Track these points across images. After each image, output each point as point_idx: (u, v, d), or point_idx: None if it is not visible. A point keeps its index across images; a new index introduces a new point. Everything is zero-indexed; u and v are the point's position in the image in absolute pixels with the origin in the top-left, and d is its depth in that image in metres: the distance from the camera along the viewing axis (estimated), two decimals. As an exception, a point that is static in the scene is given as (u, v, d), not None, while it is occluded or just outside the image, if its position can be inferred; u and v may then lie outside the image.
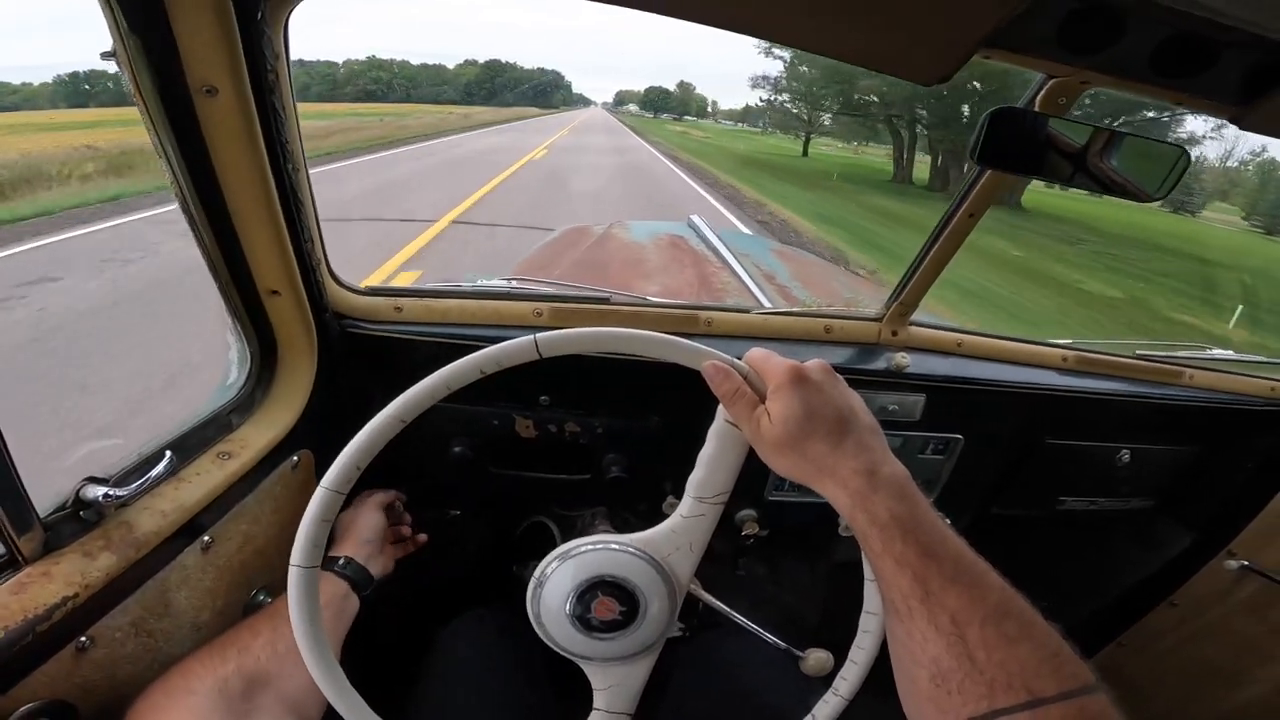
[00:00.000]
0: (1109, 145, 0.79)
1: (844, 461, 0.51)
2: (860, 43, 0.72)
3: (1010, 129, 0.76)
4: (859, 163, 30.88)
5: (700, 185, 15.63)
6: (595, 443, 1.09)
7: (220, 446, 0.78)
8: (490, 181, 11.87)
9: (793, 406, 0.52)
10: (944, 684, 0.41)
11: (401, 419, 0.54)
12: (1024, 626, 0.42)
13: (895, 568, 0.46)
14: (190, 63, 0.58)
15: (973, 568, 0.45)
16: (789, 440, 0.52)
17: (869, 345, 1.17)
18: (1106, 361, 1.24)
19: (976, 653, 0.40)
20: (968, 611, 0.42)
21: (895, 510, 0.48)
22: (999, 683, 0.39)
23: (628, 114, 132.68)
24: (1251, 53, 0.67)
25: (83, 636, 0.59)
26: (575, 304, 1.06)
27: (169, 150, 0.62)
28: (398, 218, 7.51)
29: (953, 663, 0.41)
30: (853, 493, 0.50)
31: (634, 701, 0.64)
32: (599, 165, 17.89)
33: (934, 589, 0.44)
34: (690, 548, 0.61)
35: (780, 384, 0.54)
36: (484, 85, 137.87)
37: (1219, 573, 1.35)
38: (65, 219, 6.41)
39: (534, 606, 0.61)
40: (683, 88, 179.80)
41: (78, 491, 0.62)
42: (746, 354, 0.58)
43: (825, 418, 0.52)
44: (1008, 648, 0.40)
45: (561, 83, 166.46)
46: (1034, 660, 0.40)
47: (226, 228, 0.71)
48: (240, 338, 0.82)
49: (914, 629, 0.44)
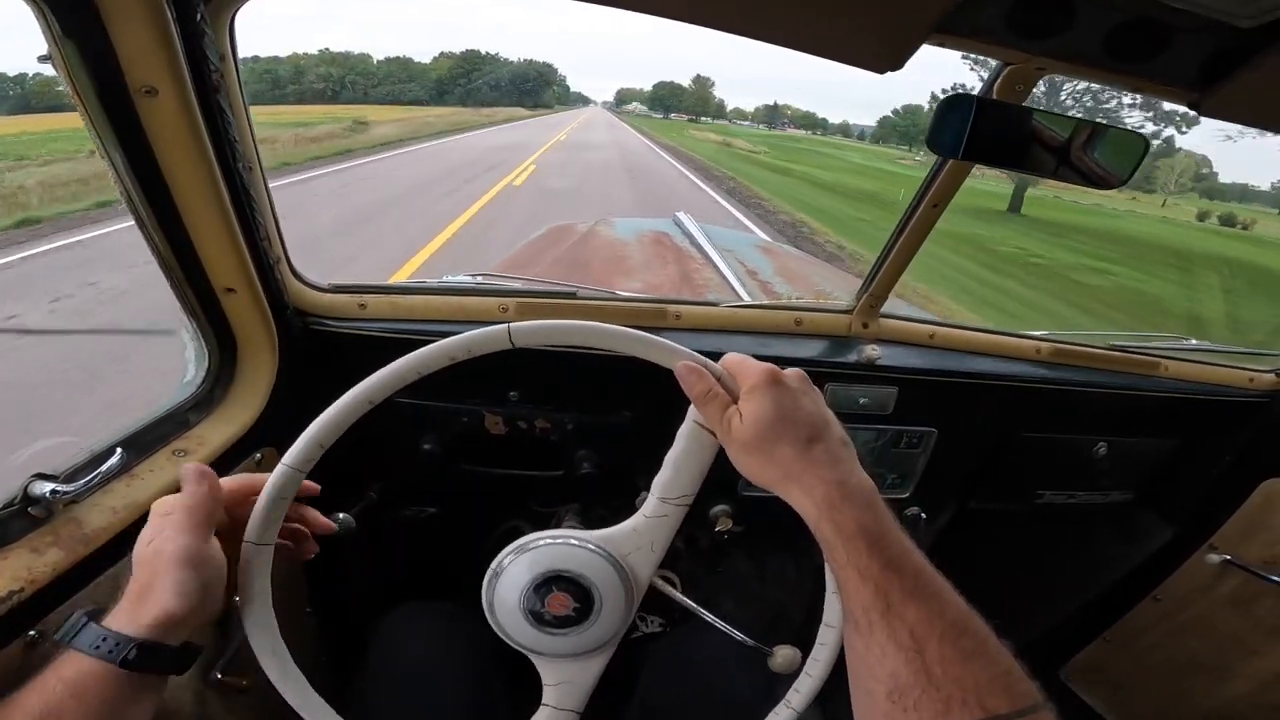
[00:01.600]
0: (1077, 135, 0.79)
1: (813, 469, 0.51)
2: (811, 32, 0.72)
3: (964, 118, 0.76)
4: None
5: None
6: (566, 439, 1.09)
7: (176, 444, 0.78)
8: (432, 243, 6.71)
9: (765, 408, 0.52)
10: (901, 700, 0.41)
11: (370, 399, 0.54)
12: (979, 643, 0.42)
13: (858, 580, 0.46)
14: (128, 65, 0.58)
15: (932, 582, 0.45)
16: (758, 442, 0.52)
17: (840, 338, 1.16)
18: (1081, 353, 1.23)
19: (934, 668, 0.40)
20: (926, 626, 0.42)
21: (862, 521, 0.48)
22: (955, 699, 0.39)
23: (632, 115, 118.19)
24: (1203, 36, 0.67)
25: (31, 631, 0.59)
26: (541, 299, 1.06)
27: (112, 152, 0.63)
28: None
29: (910, 678, 0.41)
30: (819, 501, 0.50)
31: (583, 700, 0.64)
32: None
33: (895, 602, 0.44)
34: (651, 547, 0.61)
35: (755, 385, 0.54)
36: (458, 81, 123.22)
37: (1201, 567, 1.34)
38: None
39: (489, 596, 0.61)
40: (699, 83, 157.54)
41: (25, 488, 0.62)
42: (723, 358, 0.58)
43: (797, 422, 0.52)
44: (964, 664, 0.41)
45: (554, 77, 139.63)
46: (987, 677, 0.40)
47: (177, 227, 0.71)
48: (197, 336, 0.82)
49: (873, 642, 0.43)
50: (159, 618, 0.49)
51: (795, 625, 1.47)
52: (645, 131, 45.81)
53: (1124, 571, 1.46)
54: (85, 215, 6.53)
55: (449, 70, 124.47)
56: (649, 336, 0.57)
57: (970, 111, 0.74)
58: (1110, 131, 0.80)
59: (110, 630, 0.48)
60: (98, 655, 0.47)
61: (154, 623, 0.49)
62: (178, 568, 0.50)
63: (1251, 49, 0.66)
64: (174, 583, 0.50)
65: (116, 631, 0.48)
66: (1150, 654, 1.45)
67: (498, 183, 12.10)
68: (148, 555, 0.52)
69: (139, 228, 0.70)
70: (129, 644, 0.48)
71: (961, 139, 0.77)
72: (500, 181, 12.32)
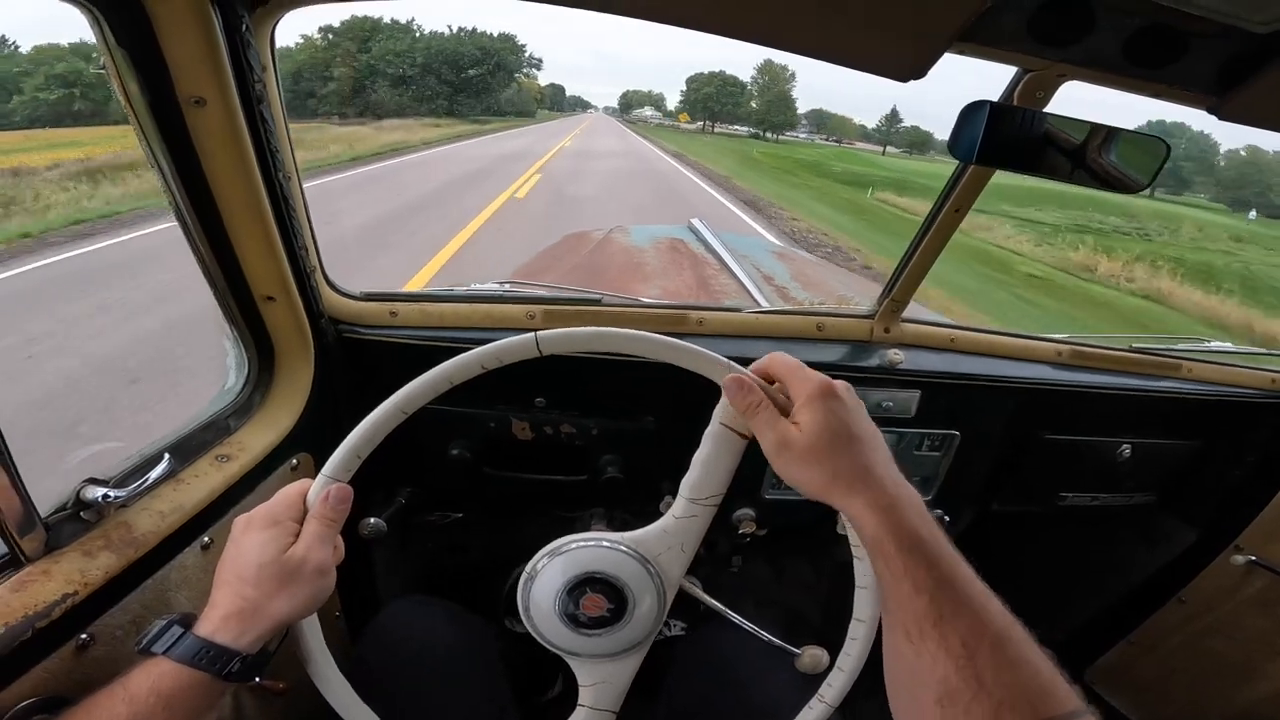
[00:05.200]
0: (1093, 138, 0.79)
1: (874, 482, 0.52)
2: (834, 42, 0.73)
3: (987, 124, 0.77)
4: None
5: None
6: (591, 444, 1.10)
7: (219, 449, 0.80)
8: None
9: (827, 419, 0.53)
10: (952, 705, 0.41)
11: (403, 410, 0.56)
12: (1023, 650, 0.43)
13: (913, 591, 0.46)
14: (178, 75, 0.60)
15: (980, 591, 0.46)
16: (818, 452, 0.52)
17: (862, 343, 1.17)
18: (1102, 355, 1.23)
19: (985, 674, 0.41)
20: (977, 634, 0.43)
21: (919, 534, 0.49)
22: (1006, 704, 0.40)
23: (649, 125, 77.91)
24: (1220, 42, 0.68)
25: (83, 634, 0.60)
26: (568, 305, 1.07)
27: (161, 160, 0.65)
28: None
29: (961, 684, 0.42)
30: (881, 513, 0.50)
31: (619, 699, 0.65)
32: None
33: (948, 613, 0.44)
34: (682, 548, 0.62)
35: (813, 395, 0.54)
36: (329, 77, 60.01)
37: (1226, 568, 1.33)
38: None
39: (524, 600, 0.61)
40: (772, 76, 79.13)
41: (78, 492, 0.64)
42: (768, 358, 0.58)
43: (856, 435, 0.53)
44: (1012, 670, 0.42)
45: (513, 59, 66.50)
46: (1036, 683, 0.41)
47: (220, 235, 0.73)
48: (237, 343, 0.84)
49: (924, 650, 0.44)
50: (278, 622, 0.52)
51: (814, 626, 1.47)
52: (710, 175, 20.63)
53: (1148, 573, 1.46)
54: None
55: (310, 59, 60.89)
56: (675, 342, 0.57)
57: (986, 117, 0.75)
58: (1129, 135, 0.80)
59: (214, 643, 0.50)
60: (199, 666, 0.49)
61: (265, 631, 0.51)
62: (320, 576, 0.54)
63: (1268, 53, 0.67)
64: (314, 590, 0.54)
65: (220, 645, 0.50)
66: (1175, 656, 1.44)
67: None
68: (291, 563, 0.53)
69: (185, 236, 0.72)
70: (233, 657, 0.50)
71: (976, 144, 0.78)
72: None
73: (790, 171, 26.25)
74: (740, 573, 1.36)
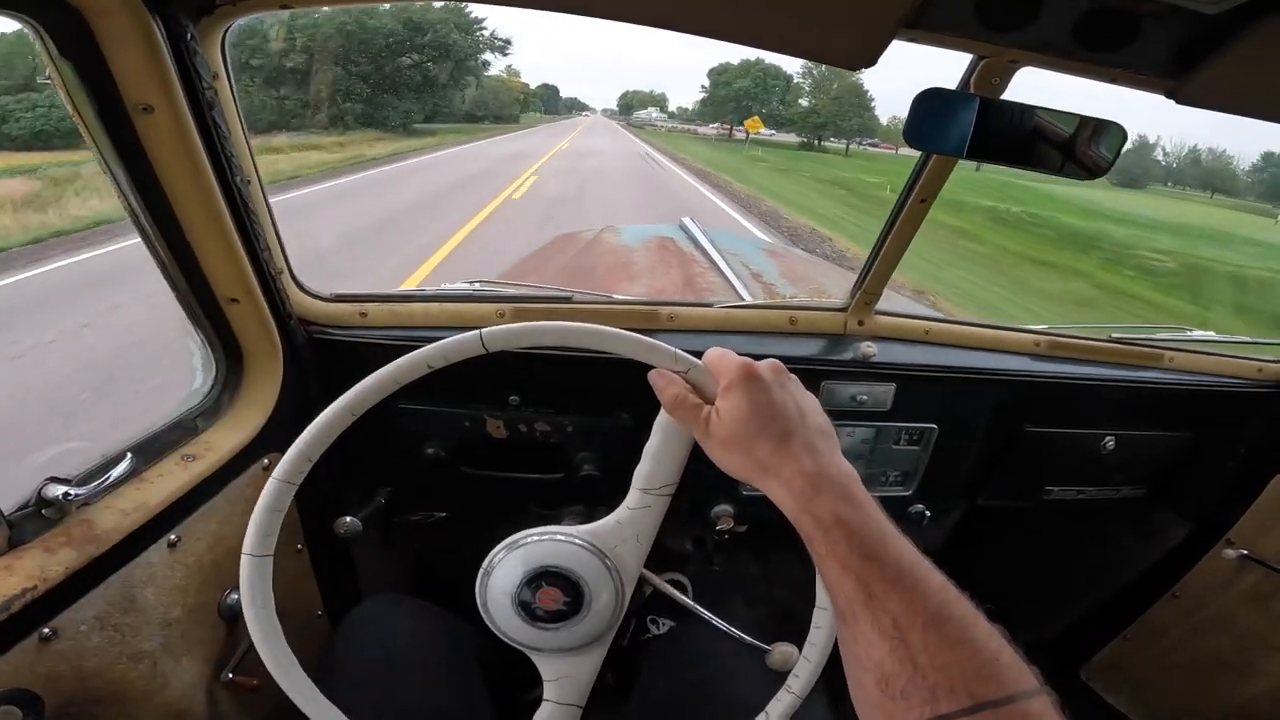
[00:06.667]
0: (1048, 125, 0.79)
1: (788, 462, 0.51)
2: (781, 31, 0.74)
3: (940, 111, 0.77)
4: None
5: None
6: (566, 441, 1.10)
7: (185, 449, 0.81)
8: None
9: (741, 405, 0.52)
10: (889, 688, 0.41)
11: (351, 411, 0.56)
12: (965, 629, 0.41)
13: (839, 571, 0.46)
14: (124, 83, 0.62)
15: (914, 569, 0.45)
16: (736, 439, 0.52)
17: (835, 336, 1.17)
18: (1080, 346, 1.22)
19: (919, 656, 0.40)
20: (909, 615, 0.42)
21: (839, 512, 0.47)
22: (941, 686, 0.39)
23: (660, 131, 63.50)
24: (1173, 24, 0.67)
25: (45, 628, 0.62)
26: (537, 303, 1.08)
27: (114, 167, 0.66)
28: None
29: (896, 666, 0.41)
30: (796, 494, 0.49)
31: (584, 693, 0.65)
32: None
33: (876, 592, 0.43)
34: (637, 539, 0.62)
35: (731, 382, 0.54)
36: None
37: (1219, 563, 1.31)
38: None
39: (482, 595, 0.62)
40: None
41: (40, 490, 0.65)
42: (706, 352, 0.58)
43: (772, 416, 0.52)
44: (949, 651, 0.40)
45: (470, 37, 32.64)
46: (973, 664, 0.40)
47: (179, 240, 0.74)
48: (203, 344, 0.86)
49: (859, 633, 0.43)
50: None
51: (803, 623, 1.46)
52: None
53: (1142, 569, 1.44)
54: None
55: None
56: (621, 333, 0.57)
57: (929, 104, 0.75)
58: (1084, 120, 0.79)
59: None
60: None
61: None
62: None
63: (1222, 35, 0.66)
64: None
65: None
66: (1172, 652, 1.42)
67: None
68: None
69: (143, 240, 0.74)
70: None
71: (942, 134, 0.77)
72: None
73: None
74: (721, 569, 1.36)
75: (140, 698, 0.74)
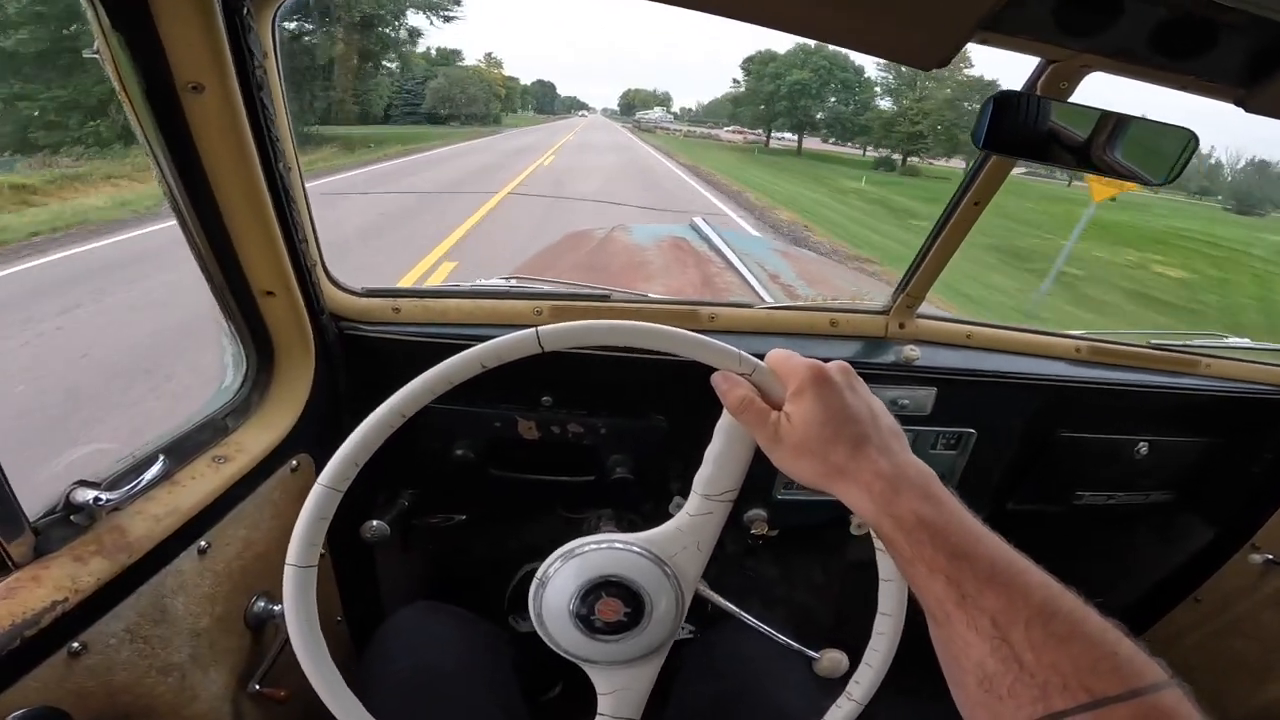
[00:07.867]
0: (1115, 130, 0.77)
1: (866, 465, 0.49)
2: (857, 28, 0.71)
3: (1013, 115, 0.75)
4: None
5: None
6: (599, 443, 1.07)
7: (216, 450, 0.77)
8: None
9: (815, 410, 0.50)
10: (993, 688, 0.39)
11: (401, 413, 0.53)
12: (1075, 624, 0.40)
13: (927, 573, 0.44)
14: (175, 60, 0.58)
15: (1010, 566, 0.43)
16: (810, 445, 0.50)
17: (876, 339, 1.15)
18: (1120, 351, 1.21)
19: (1024, 654, 0.38)
20: (1008, 613, 0.40)
21: (921, 513, 0.46)
22: (1053, 684, 0.37)
23: (674, 136, 57.69)
24: (1251, 34, 0.66)
25: (74, 642, 0.58)
26: (575, 301, 1.05)
27: (156, 148, 0.62)
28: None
29: (999, 666, 0.39)
30: (876, 497, 0.47)
31: (639, 707, 0.62)
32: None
33: (969, 592, 0.42)
34: (697, 547, 0.59)
35: (801, 386, 0.51)
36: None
37: (1243, 567, 1.32)
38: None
39: (536, 607, 0.59)
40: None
41: (68, 495, 0.61)
42: (768, 355, 0.56)
43: (846, 420, 0.50)
44: (1058, 647, 0.38)
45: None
46: (1089, 659, 0.38)
47: (218, 227, 0.70)
48: (236, 340, 0.81)
49: (954, 634, 0.42)
50: None
51: (824, 628, 1.45)
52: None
53: (1164, 572, 1.44)
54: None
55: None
56: (682, 333, 0.55)
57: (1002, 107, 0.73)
58: (1152, 125, 0.78)
59: None
60: None
61: None
62: None
63: None
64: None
65: None
66: (1192, 655, 1.43)
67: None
68: None
69: (180, 227, 0.70)
70: None
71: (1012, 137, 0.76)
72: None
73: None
74: (753, 574, 1.34)
75: (169, 712, 0.70)
